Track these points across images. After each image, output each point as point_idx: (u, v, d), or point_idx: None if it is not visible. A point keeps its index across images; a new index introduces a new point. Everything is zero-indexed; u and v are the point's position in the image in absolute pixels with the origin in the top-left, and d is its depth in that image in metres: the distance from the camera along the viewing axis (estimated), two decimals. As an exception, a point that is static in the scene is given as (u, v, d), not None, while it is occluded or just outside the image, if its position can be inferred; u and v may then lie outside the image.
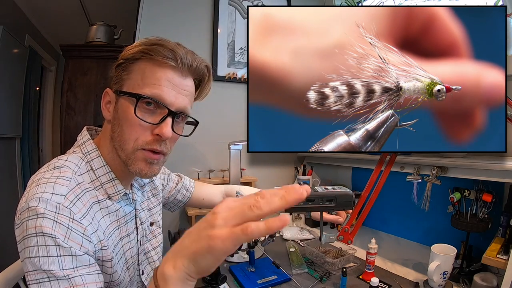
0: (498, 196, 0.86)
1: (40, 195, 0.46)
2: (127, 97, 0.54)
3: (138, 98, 0.53)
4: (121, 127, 0.55)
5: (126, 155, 0.55)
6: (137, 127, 0.54)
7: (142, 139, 0.54)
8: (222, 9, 1.49)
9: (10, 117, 2.20)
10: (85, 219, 0.49)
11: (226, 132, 1.43)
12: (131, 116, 0.53)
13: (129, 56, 0.56)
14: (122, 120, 0.55)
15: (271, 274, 0.92)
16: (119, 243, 0.60)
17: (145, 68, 0.54)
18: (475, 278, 0.80)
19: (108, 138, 0.58)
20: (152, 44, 0.55)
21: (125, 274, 0.61)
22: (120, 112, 0.55)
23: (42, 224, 0.43)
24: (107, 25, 2.13)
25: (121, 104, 0.55)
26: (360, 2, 1.62)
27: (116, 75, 0.57)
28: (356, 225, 0.84)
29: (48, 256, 0.43)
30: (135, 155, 0.55)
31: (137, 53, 0.55)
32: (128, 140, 0.54)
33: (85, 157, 0.57)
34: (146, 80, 0.54)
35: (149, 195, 0.75)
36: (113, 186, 0.58)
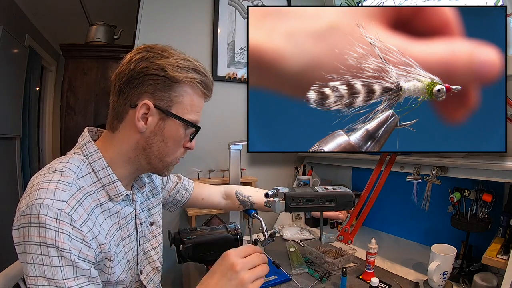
0: (498, 196, 0.86)
1: (41, 201, 0.46)
2: (178, 120, 0.59)
3: (197, 129, 0.63)
4: (165, 143, 0.61)
5: (164, 166, 0.64)
6: (180, 145, 0.63)
7: (179, 152, 0.65)
8: (222, 9, 1.49)
9: (10, 117, 2.20)
10: (86, 225, 0.50)
11: (226, 132, 1.43)
12: (180, 137, 0.61)
13: (176, 77, 0.57)
14: (169, 138, 0.60)
15: (271, 274, 0.92)
16: (120, 244, 0.60)
17: (193, 96, 0.61)
18: (475, 278, 0.80)
19: (126, 144, 0.59)
20: (198, 73, 0.60)
21: (127, 274, 0.62)
22: (167, 131, 0.60)
23: (46, 235, 0.45)
24: (107, 25, 2.13)
25: (170, 124, 0.60)
26: (360, 2, 1.62)
27: (159, 88, 0.57)
28: (356, 225, 0.84)
29: (51, 266, 0.45)
30: (171, 165, 0.65)
31: (187, 79, 0.59)
32: (170, 154, 0.63)
33: (86, 158, 0.57)
34: (194, 108, 0.61)
35: (148, 195, 0.75)
36: (115, 188, 0.58)
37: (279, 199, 0.73)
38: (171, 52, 0.59)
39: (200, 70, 0.61)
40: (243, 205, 0.97)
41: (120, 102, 0.58)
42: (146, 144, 0.59)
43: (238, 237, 0.88)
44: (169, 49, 0.59)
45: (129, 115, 0.58)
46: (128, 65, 0.57)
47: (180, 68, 0.58)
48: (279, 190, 0.75)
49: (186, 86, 0.59)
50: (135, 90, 0.57)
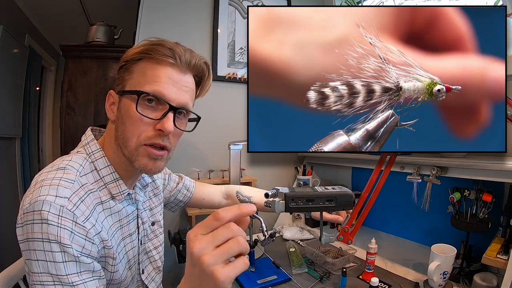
0: (498, 196, 0.86)
1: (44, 197, 0.46)
2: (129, 95, 0.56)
3: (139, 95, 0.54)
4: (124, 124, 0.56)
5: (129, 152, 0.56)
6: (139, 123, 0.55)
7: (144, 134, 0.55)
8: (222, 9, 1.49)
9: (10, 117, 2.20)
10: (88, 221, 0.50)
11: (226, 132, 1.43)
12: (133, 113, 0.54)
13: (130, 58, 0.58)
14: (125, 118, 0.56)
15: (271, 274, 0.92)
16: (121, 243, 0.61)
17: (145, 67, 0.56)
18: (475, 278, 0.80)
19: (112, 138, 0.59)
20: (151, 45, 0.57)
21: (127, 274, 0.62)
22: (123, 111, 0.57)
23: (48, 231, 0.45)
24: (107, 25, 2.13)
25: (123, 103, 0.57)
26: (360, 2, 1.63)
27: (119, 77, 0.59)
28: (356, 225, 0.84)
29: (54, 262, 0.45)
30: (138, 151, 0.56)
31: (138, 54, 0.57)
32: (131, 137, 0.56)
33: (89, 157, 0.58)
34: (147, 78, 0.55)
35: (150, 195, 0.75)
36: (117, 186, 0.59)
37: (279, 199, 0.73)
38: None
39: (151, 41, 0.58)
40: (243, 205, 0.97)
41: None
42: (116, 132, 0.58)
43: (238, 237, 0.87)
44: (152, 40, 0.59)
45: None
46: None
47: (132, 50, 0.59)
48: (279, 190, 0.75)
49: (140, 62, 0.57)
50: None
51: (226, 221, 0.36)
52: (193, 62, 0.60)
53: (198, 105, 0.67)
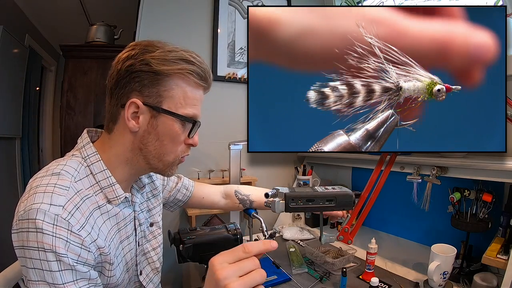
0: (498, 196, 0.86)
1: (38, 205, 0.46)
2: (171, 116, 0.57)
3: (193, 123, 0.60)
4: (160, 141, 0.58)
5: (165, 165, 0.61)
6: (179, 142, 0.60)
7: (180, 150, 0.62)
8: (222, 9, 1.49)
9: (10, 117, 2.20)
10: (84, 229, 0.49)
11: (226, 132, 1.43)
12: (176, 134, 0.58)
13: (162, 71, 0.55)
14: (164, 136, 0.58)
15: (271, 274, 0.92)
16: (119, 246, 0.60)
17: (185, 88, 0.58)
18: (475, 278, 0.80)
19: (125, 147, 0.58)
20: (188, 63, 0.57)
21: (125, 276, 0.61)
22: (161, 128, 0.57)
23: (43, 240, 0.44)
24: (107, 25, 2.13)
25: (163, 121, 0.57)
26: (360, 2, 1.62)
27: (148, 86, 0.55)
28: (356, 225, 0.84)
29: (50, 271, 0.45)
30: (174, 164, 0.63)
31: (175, 71, 0.56)
32: (170, 153, 0.60)
33: (84, 161, 0.57)
34: (188, 101, 0.58)
35: (149, 196, 0.74)
36: (114, 191, 0.58)
37: (279, 199, 0.73)
38: (157, 46, 0.56)
39: (189, 59, 0.57)
40: (242, 204, 0.97)
41: (112, 103, 0.58)
42: (141, 144, 0.58)
43: (238, 237, 0.88)
44: (155, 43, 0.57)
45: (121, 115, 0.57)
46: (116, 66, 0.56)
47: (166, 60, 0.55)
48: (279, 190, 0.75)
49: (176, 79, 0.56)
50: (124, 89, 0.56)
51: (252, 255, 0.41)
52: (211, 81, 0.63)
53: (198, 105, 0.66)
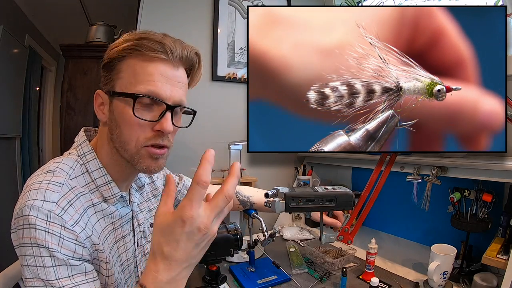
0: (498, 196, 0.86)
1: (31, 202, 0.45)
2: (121, 97, 0.53)
3: (134, 98, 0.51)
4: (119, 128, 0.54)
5: (130, 155, 0.55)
6: (137, 127, 0.53)
7: (143, 136, 0.54)
8: (222, 9, 1.49)
9: (10, 117, 2.20)
10: (78, 225, 0.49)
11: (226, 132, 1.43)
12: (129, 117, 0.52)
13: (116, 55, 0.53)
14: (120, 121, 0.53)
15: (271, 274, 0.92)
16: (114, 246, 0.60)
17: (135, 65, 0.53)
18: (475, 278, 0.80)
19: (105, 139, 0.57)
20: (138, 39, 0.53)
21: (121, 276, 0.61)
22: (116, 113, 0.54)
23: (36, 236, 0.44)
24: (107, 25, 2.13)
25: (116, 105, 0.54)
26: (360, 2, 1.62)
27: (105, 75, 0.55)
28: (356, 225, 0.84)
29: (44, 266, 0.44)
30: (139, 154, 0.54)
31: (124, 51, 0.53)
32: (129, 140, 0.54)
33: (80, 159, 0.56)
34: (139, 77, 0.52)
35: (149, 196, 0.74)
36: (109, 189, 0.57)
37: (279, 199, 0.73)
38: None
39: (141, 36, 0.53)
40: (242, 205, 0.97)
41: None
42: (110, 134, 0.56)
43: (238, 237, 0.87)
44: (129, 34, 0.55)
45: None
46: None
47: (116, 45, 0.54)
48: (279, 190, 0.75)
49: (127, 59, 0.53)
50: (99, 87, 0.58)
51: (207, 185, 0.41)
52: (185, 54, 0.56)
53: (198, 105, 0.66)
